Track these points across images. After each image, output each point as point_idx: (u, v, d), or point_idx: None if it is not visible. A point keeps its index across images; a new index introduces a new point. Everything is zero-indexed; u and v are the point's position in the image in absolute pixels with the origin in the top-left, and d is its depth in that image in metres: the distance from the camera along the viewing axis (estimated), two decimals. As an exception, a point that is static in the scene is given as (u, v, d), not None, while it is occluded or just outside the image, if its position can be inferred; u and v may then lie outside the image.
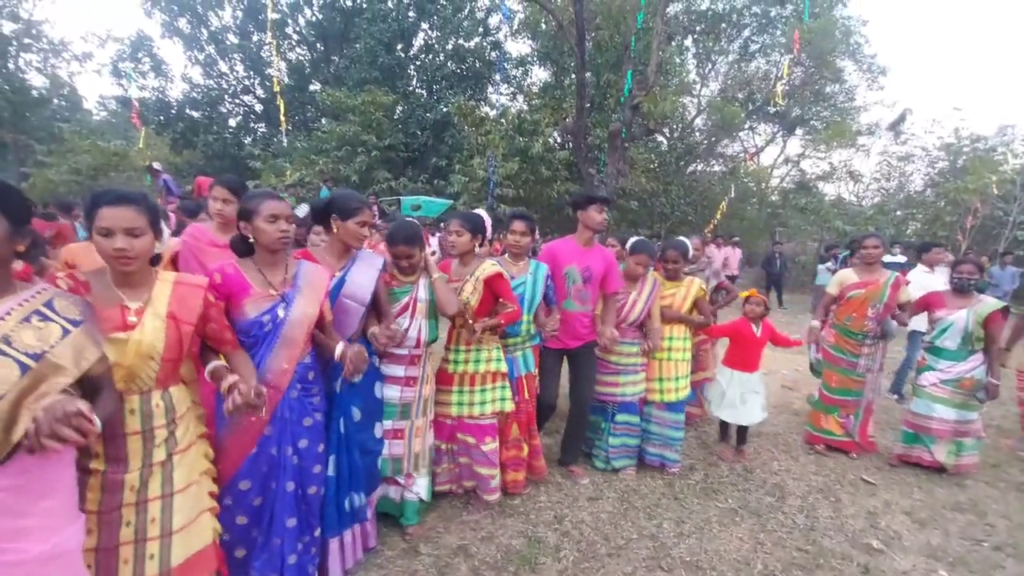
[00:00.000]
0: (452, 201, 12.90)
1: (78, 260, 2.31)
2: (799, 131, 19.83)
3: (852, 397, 3.84)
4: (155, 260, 1.67)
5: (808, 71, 17.54)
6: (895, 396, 5.23)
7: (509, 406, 2.88)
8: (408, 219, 3.06)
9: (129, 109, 17.10)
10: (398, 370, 2.55)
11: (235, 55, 20.24)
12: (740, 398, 3.63)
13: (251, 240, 1.95)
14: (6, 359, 1.19)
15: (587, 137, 12.97)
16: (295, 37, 20.38)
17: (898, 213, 16.28)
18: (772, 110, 16.82)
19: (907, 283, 3.80)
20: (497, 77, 16.43)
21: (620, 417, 3.43)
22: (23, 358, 1.21)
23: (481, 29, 19.07)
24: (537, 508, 3.00)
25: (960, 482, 3.58)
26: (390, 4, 18.10)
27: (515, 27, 17.67)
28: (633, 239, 3.54)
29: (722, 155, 21.11)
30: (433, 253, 3.27)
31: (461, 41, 18.54)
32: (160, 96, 19.73)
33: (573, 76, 15.91)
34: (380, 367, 2.51)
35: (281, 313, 1.92)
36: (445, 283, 2.60)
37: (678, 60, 16.85)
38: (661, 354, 3.48)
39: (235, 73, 20.71)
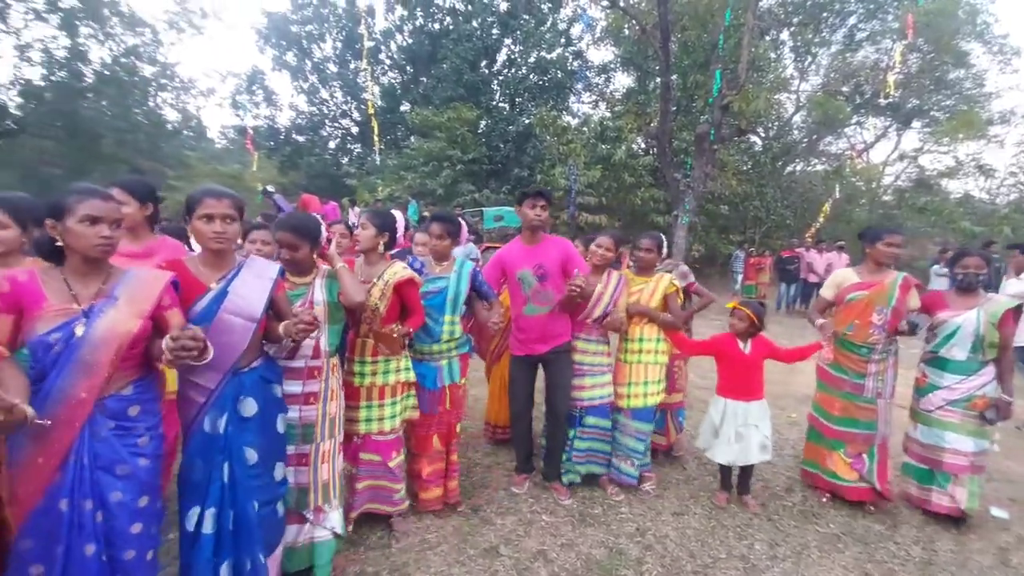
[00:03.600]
0: (534, 211, 13.02)
1: None
2: (916, 123, 17.96)
3: (861, 430, 3.08)
4: None
5: (926, 57, 15.86)
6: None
7: (413, 414, 2.71)
8: (303, 213, 2.92)
9: (244, 136, 19.07)
10: (295, 386, 2.23)
11: (335, 83, 21.92)
12: (735, 435, 3.03)
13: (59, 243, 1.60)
14: None
15: (672, 141, 12.59)
16: (387, 62, 21.71)
17: (1042, 211, 14.17)
18: (883, 102, 15.34)
19: (918, 285, 3.09)
20: (579, 86, 16.43)
21: (589, 420, 3.19)
22: None
23: (563, 40, 19.23)
24: (619, 519, 2.94)
25: None
26: (475, 24, 18.76)
27: (597, 35, 17.64)
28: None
29: (825, 153, 19.58)
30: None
31: (543, 53, 18.78)
32: (270, 123, 21.83)
33: (657, 80, 15.56)
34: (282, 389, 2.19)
35: (79, 331, 1.55)
36: (349, 272, 2.37)
37: (773, 56, 15.90)
38: (630, 356, 3.23)
39: (334, 99, 22.42)
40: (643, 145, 16.19)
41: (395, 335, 2.42)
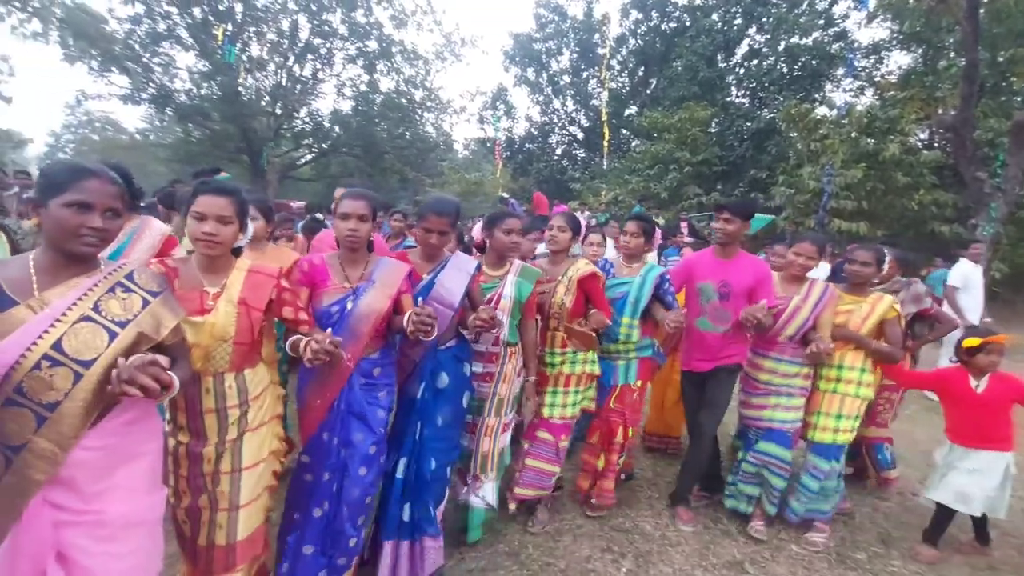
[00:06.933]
0: (773, 216, 11.80)
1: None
2: None
3: None
4: (236, 252, 1.79)
5: None
6: None
7: (590, 405, 2.81)
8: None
9: (483, 147, 21.27)
10: (476, 366, 2.48)
11: (567, 92, 23.18)
12: (963, 482, 2.61)
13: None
14: (96, 326, 1.27)
15: (974, 131, 10.05)
16: (617, 67, 22.06)
17: None
18: None
19: None
20: (839, 72, 14.21)
21: (762, 446, 2.74)
22: (111, 326, 1.29)
23: (822, 21, 16.94)
24: (888, 571, 2.62)
25: None
26: (715, 17, 17.80)
27: (871, 10, 15.07)
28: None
29: None
30: (534, 257, 3.28)
31: (795, 39, 16.84)
32: (508, 134, 24.15)
33: (951, 56, 12.56)
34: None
35: (349, 305, 1.96)
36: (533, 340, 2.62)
37: None
38: (825, 384, 2.73)
39: (564, 108, 23.70)
40: (923, 137, 13.28)
41: (587, 329, 2.54)
